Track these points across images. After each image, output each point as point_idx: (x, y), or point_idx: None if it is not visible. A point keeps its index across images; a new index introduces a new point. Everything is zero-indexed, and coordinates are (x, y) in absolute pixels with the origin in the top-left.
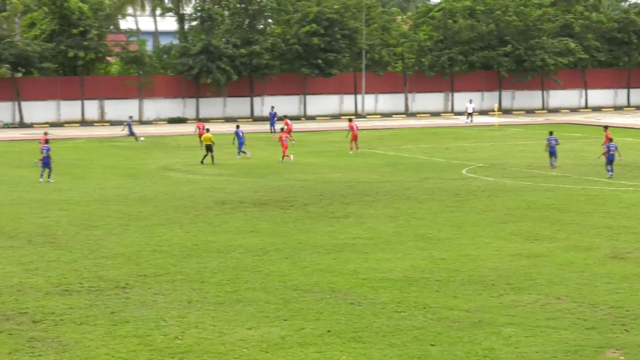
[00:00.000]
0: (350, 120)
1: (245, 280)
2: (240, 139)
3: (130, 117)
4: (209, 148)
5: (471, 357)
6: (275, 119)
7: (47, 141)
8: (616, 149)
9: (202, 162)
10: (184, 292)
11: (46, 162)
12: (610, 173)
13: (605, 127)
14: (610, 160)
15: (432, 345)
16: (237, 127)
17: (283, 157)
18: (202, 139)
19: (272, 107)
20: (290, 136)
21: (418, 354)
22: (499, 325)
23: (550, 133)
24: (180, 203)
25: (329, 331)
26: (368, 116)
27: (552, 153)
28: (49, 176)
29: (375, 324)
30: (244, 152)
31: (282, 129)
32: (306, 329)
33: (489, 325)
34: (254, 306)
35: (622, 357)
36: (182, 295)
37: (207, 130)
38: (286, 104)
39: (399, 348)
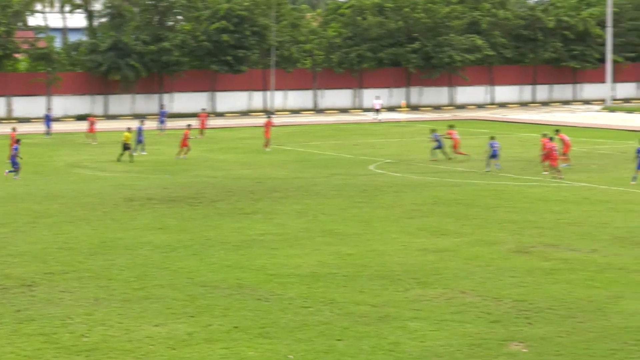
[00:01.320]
0: (268, 117)
1: (152, 277)
2: (139, 136)
3: (49, 109)
4: (126, 147)
5: (377, 352)
6: (165, 117)
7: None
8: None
9: (118, 159)
10: (90, 290)
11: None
12: (498, 167)
13: (545, 134)
14: (493, 156)
15: (339, 340)
16: (142, 122)
17: (179, 154)
18: (124, 137)
19: (163, 105)
20: (201, 134)
21: (324, 348)
22: (404, 319)
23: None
24: (88, 200)
25: (236, 327)
26: (277, 112)
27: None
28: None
29: (282, 319)
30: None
31: (188, 126)
32: (213, 325)
33: (395, 319)
34: (161, 303)
35: (525, 350)
36: (89, 293)
37: (129, 129)
38: (196, 101)
39: (305, 343)
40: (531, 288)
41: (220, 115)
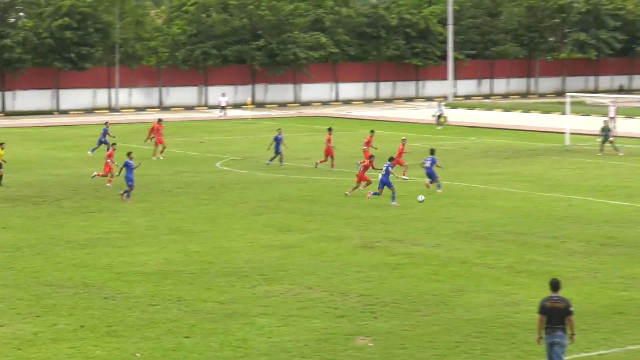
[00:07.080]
0: (159, 121)
1: None
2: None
3: None
4: None
5: (225, 348)
6: None
7: None
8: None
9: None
10: None
11: None
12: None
13: (329, 129)
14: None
15: (186, 337)
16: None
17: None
18: None
19: None
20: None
21: (172, 346)
22: (252, 315)
23: (279, 131)
24: None
25: (82, 326)
26: (122, 110)
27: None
28: None
29: (129, 317)
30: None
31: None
32: (59, 325)
33: (243, 316)
34: (5, 303)
35: (371, 344)
36: None
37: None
38: (39, 98)
39: (153, 341)
40: (376, 283)
41: (64, 113)
